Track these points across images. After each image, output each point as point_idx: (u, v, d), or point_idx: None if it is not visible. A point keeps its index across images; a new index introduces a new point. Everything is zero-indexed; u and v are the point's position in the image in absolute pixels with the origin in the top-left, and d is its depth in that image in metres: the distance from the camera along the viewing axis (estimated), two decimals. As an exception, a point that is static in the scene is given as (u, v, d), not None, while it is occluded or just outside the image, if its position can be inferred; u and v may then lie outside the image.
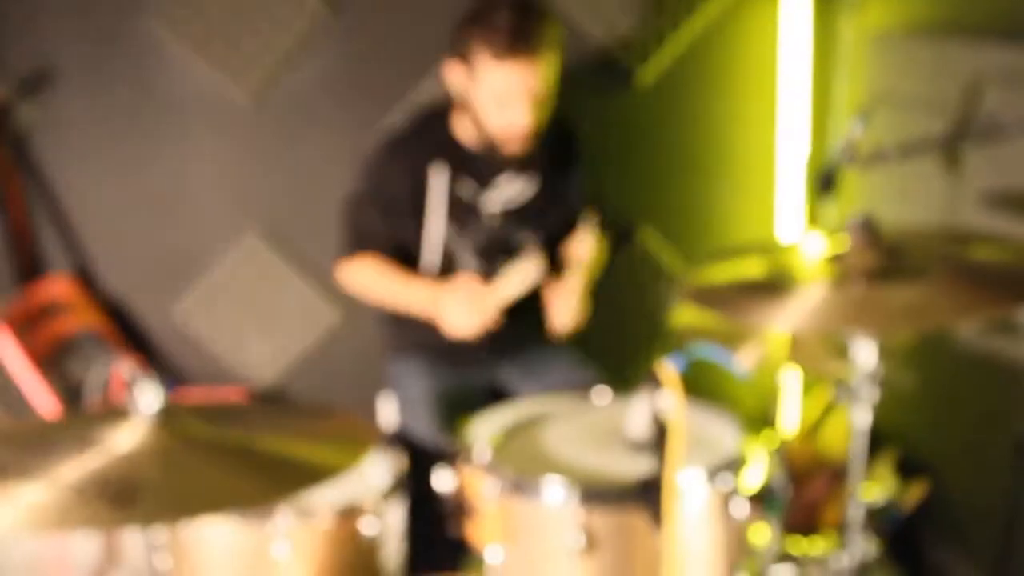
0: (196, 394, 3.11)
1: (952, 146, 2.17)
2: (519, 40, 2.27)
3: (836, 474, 3.12)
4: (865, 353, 1.86)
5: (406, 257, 2.63)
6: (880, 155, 2.27)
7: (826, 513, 2.96)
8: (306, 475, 1.58)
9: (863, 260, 1.81)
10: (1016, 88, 2.39)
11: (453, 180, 2.54)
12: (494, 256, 2.63)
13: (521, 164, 2.56)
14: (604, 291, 3.32)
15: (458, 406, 2.54)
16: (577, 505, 1.69)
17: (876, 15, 3.02)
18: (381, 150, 2.60)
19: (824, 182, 2.35)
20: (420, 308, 2.53)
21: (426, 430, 2.54)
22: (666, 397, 1.58)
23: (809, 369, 2.95)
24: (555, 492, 1.71)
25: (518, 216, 2.62)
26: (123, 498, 1.49)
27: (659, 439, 1.56)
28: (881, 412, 3.12)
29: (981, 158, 2.56)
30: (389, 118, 3.01)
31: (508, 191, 2.59)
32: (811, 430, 3.28)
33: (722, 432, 1.93)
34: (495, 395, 2.77)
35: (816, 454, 3.17)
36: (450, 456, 2.18)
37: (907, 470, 2.98)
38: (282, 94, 3.05)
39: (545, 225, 2.67)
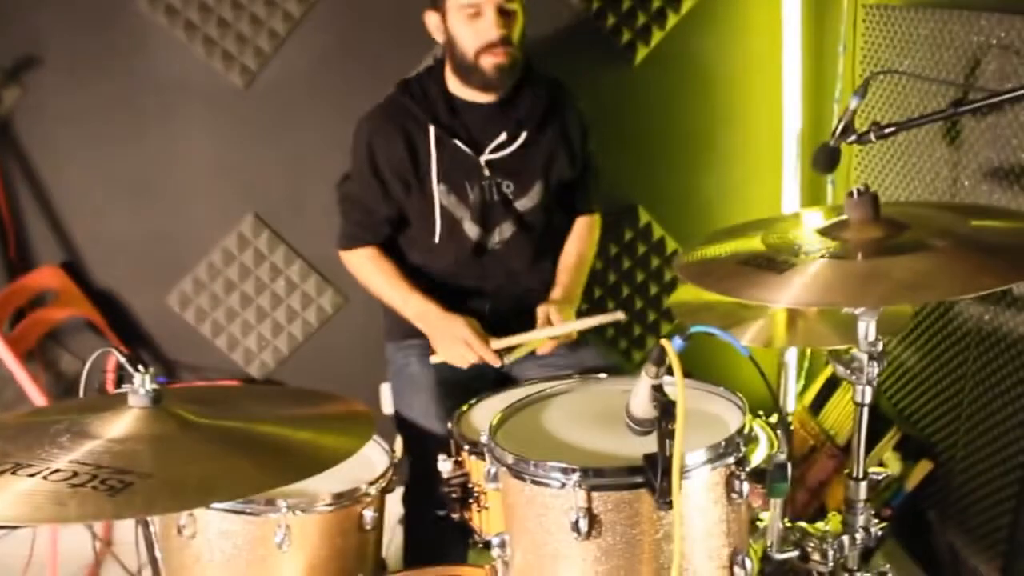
0: (191, 386, 3.08)
1: (952, 119, 2.14)
2: None
3: (842, 452, 3.10)
4: (867, 329, 1.83)
5: (406, 228, 2.63)
6: (879, 129, 2.22)
7: (833, 492, 2.94)
8: (305, 462, 1.56)
9: (863, 233, 1.78)
10: (1016, 60, 2.36)
11: (447, 137, 2.53)
12: (493, 216, 2.61)
13: (514, 120, 2.56)
14: (604, 270, 3.33)
15: (460, 391, 2.49)
16: (579, 486, 1.66)
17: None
18: (369, 119, 2.59)
19: (823, 159, 2.31)
20: (413, 319, 2.59)
21: (426, 414, 2.52)
22: (669, 376, 1.55)
23: (810, 346, 2.92)
24: (556, 473, 1.69)
25: (507, 170, 2.59)
26: (118, 488, 1.47)
27: (662, 418, 1.53)
28: (882, 392, 3.14)
29: (981, 131, 2.53)
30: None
31: (499, 145, 2.57)
32: (814, 408, 3.26)
33: (726, 411, 1.90)
34: (499, 380, 2.74)
35: (820, 433, 3.15)
36: (450, 441, 2.16)
37: (909, 450, 2.96)
38: (275, 78, 3.03)
39: (536, 182, 2.63)
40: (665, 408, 1.53)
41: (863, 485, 1.95)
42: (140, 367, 1.74)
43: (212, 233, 3.13)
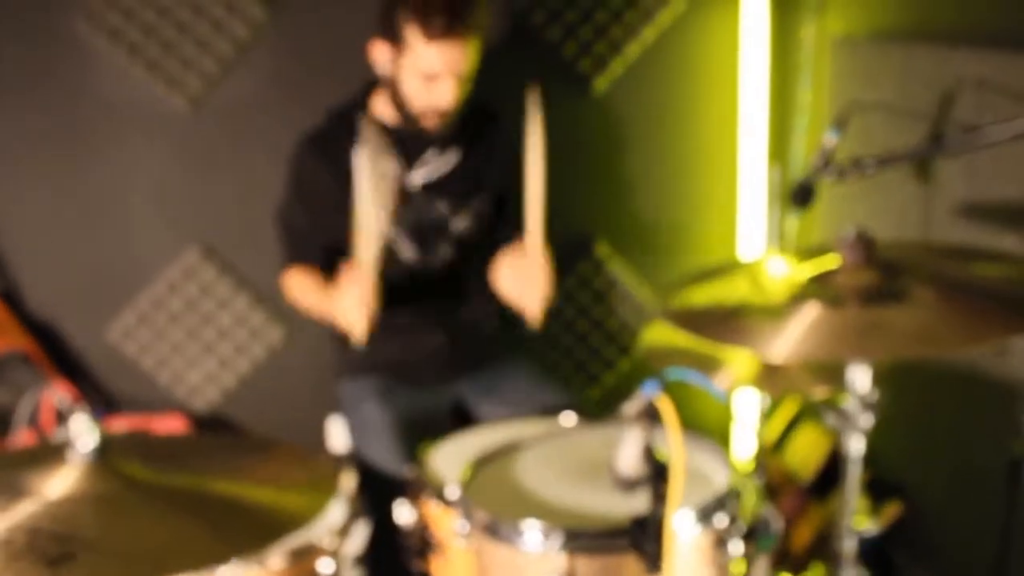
0: (132, 421, 2.92)
1: (925, 156, 2.10)
2: (452, 23, 2.31)
3: (804, 491, 3.04)
4: (860, 378, 1.75)
5: (342, 255, 2.53)
6: (850, 166, 2.16)
7: (799, 532, 2.86)
8: (267, 527, 1.43)
9: (857, 279, 1.70)
10: (990, 95, 2.32)
11: (374, 159, 2.45)
12: (429, 238, 2.57)
13: (443, 140, 2.53)
14: (560, 305, 3.23)
15: (418, 429, 2.44)
16: (560, 549, 1.56)
17: (839, 19, 2.95)
18: (299, 148, 2.56)
19: (800, 195, 2.24)
20: (333, 300, 2.42)
21: (384, 456, 2.42)
22: (663, 432, 1.46)
23: (790, 391, 2.85)
24: (536, 535, 1.58)
25: (440, 190, 2.55)
26: (58, 556, 1.33)
27: (654, 477, 1.43)
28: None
29: (956, 168, 2.49)
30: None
31: (430, 167, 2.54)
32: (777, 445, 3.19)
33: (708, 463, 1.81)
34: (457, 415, 2.67)
35: (782, 471, 3.08)
36: (411, 486, 2.06)
37: (877, 491, 2.91)
38: (222, 100, 2.89)
39: (470, 202, 2.60)
40: (658, 469, 1.43)
41: (852, 538, 1.88)
42: (81, 410, 1.61)
43: (155, 264, 2.97)
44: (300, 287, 2.59)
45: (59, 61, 2.78)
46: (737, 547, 1.64)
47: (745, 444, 3.30)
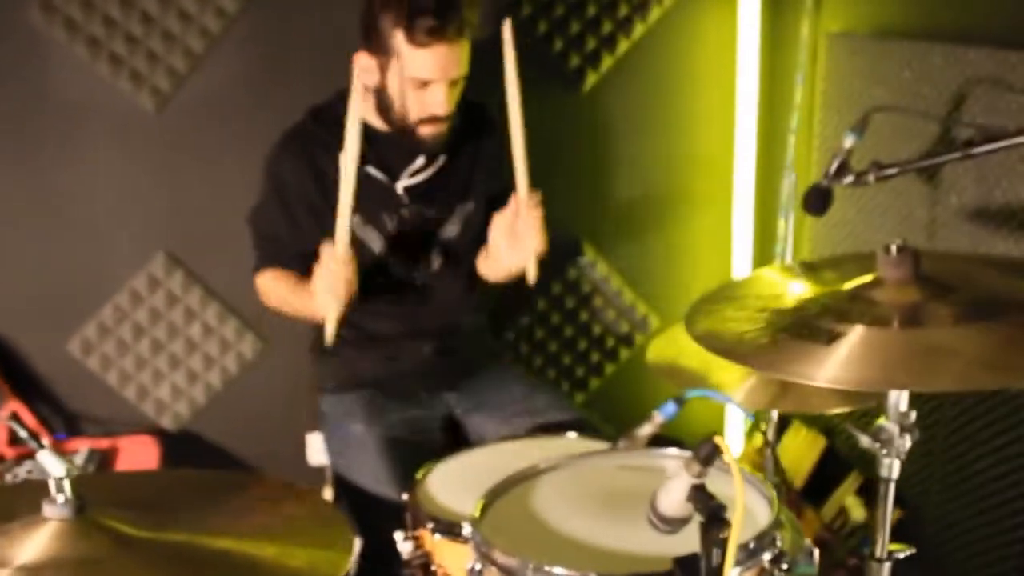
0: (96, 443, 2.74)
1: (956, 159, 2.01)
2: (441, 25, 2.20)
3: (797, 495, 2.96)
4: (898, 399, 1.65)
5: (314, 258, 2.41)
6: (869, 170, 2.07)
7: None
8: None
9: (902, 295, 1.60)
10: (1009, 96, 2.24)
11: (360, 166, 2.32)
12: (417, 248, 2.47)
13: (432, 145, 2.40)
14: (548, 309, 3.12)
15: (409, 447, 2.34)
16: (598, 596, 1.44)
17: (837, 16, 2.86)
18: (278, 147, 2.43)
19: (816, 201, 2.14)
20: (317, 294, 2.30)
21: (373, 478, 2.30)
22: (723, 473, 1.34)
23: (806, 410, 2.76)
24: (570, 582, 1.46)
25: (428, 197, 2.44)
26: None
27: (710, 520, 1.31)
28: (837, 432, 3.01)
29: (964, 170, 2.40)
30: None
31: (417, 172, 2.42)
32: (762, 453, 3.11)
33: (752, 500, 1.69)
34: (448, 430, 2.55)
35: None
36: (407, 512, 1.95)
37: (874, 495, 2.83)
38: (190, 100, 2.73)
39: (458, 208, 2.49)
40: (714, 514, 1.31)
41: (886, 567, 1.78)
42: (45, 444, 1.44)
43: (119, 273, 2.80)
44: (274, 284, 2.47)
45: (13, 56, 2.60)
46: (780, 586, 1.53)
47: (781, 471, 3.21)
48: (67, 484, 1.34)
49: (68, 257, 2.76)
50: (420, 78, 2.23)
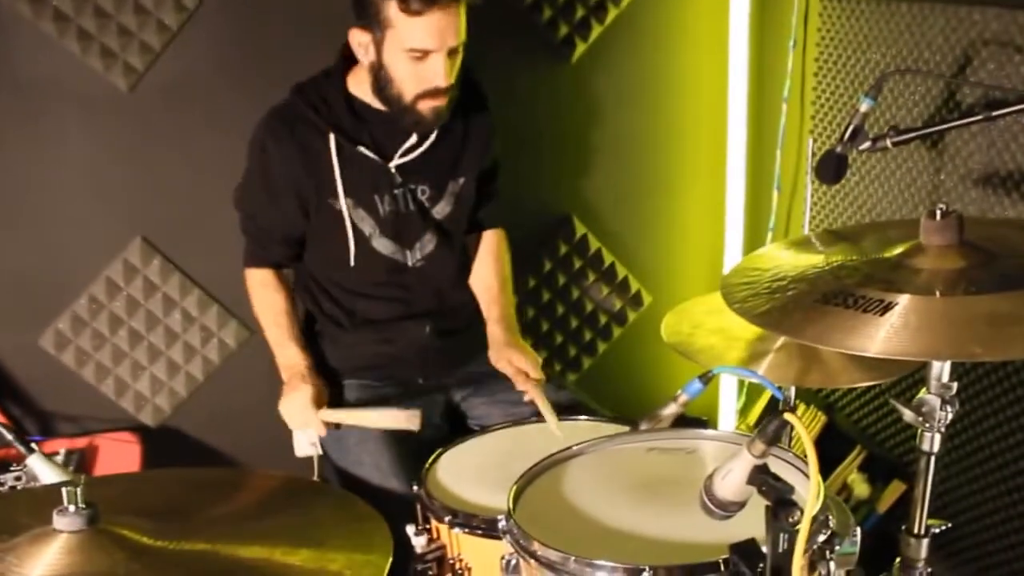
0: (74, 443, 2.62)
1: (944, 122, 1.96)
2: None
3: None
4: (941, 369, 1.59)
5: (312, 250, 2.42)
6: (887, 134, 2.01)
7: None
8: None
9: (946, 262, 1.54)
10: (1019, 57, 2.19)
11: (351, 145, 2.28)
12: (410, 229, 2.38)
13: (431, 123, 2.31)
14: (538, 286, 3.04)
15: (414, 440, 2.25)
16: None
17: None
18: (262, 126, 2.32)
19: (832, 169, 2.07)
20: (281, 368, 2.40)
21: (381, 473, 2.22)
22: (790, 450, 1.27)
23: (830, 385, 2.71)
24: (620, 574, 1.38)
25: (419, 174, 2.35)
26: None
27: (777, 510, 1.24)
28: (839, 409, 2.97)
29: (970, 135, 2.35)
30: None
31: (409, 145, 2.32)
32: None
33: (786, 474, 1.62)
34: (450, 417, 2.48)
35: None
36: (417, 504, 1.89)
37: (877, 471, 2.80)
38: (165, 79, 2.60)
39: (450, 185, 2.41)
40: (782, 498, 1.23)
41: (924, 543, 1.73)
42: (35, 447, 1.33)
43: (92, 261, 2.67)
44: (257, 298, 2.44)
45: (-26, 35, 2.46)
46: (831, 567, 1.47)
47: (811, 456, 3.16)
48: (79, 493, 1.24)
49: (38, 246, 2.63)
50: (417, 48, 2.13)
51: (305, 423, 2.29)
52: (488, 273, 2.52)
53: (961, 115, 1.99)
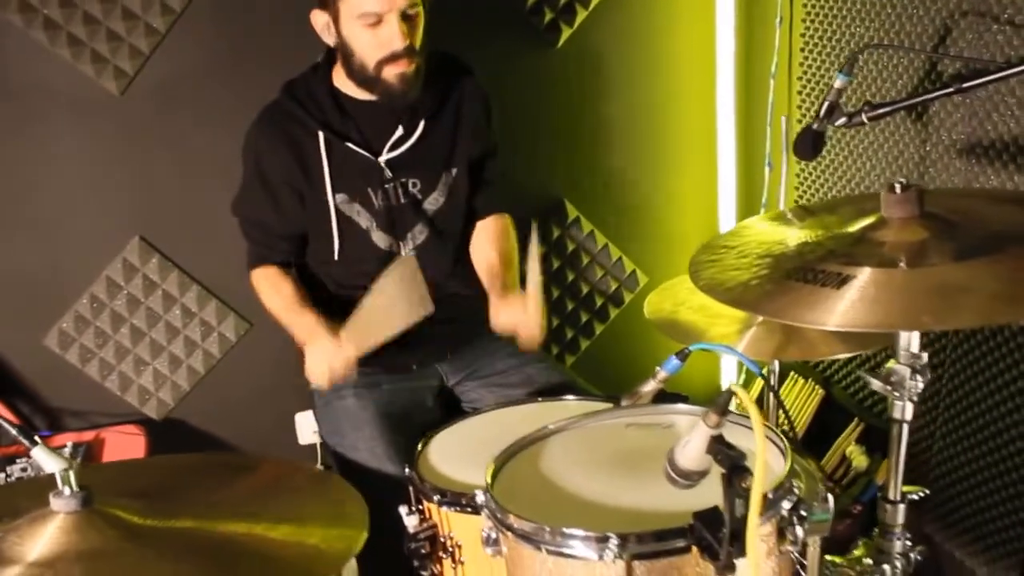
0: (81, 438, 2.68)
1: (922, 94, 1.97)
2: None
3: (796, 446, 2.94)
4: (909, 341, 1.62)
5: (306, 243, 2.42)
6: (862, 109, 2.02)
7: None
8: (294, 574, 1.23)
9: (908, 235, 1.56)
10: (996, 27, 2.20)
11: (340, 142, 2.29)
12: (403, 222, 2.39)
13: (411, 113, 2.32)
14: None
15: (405, 421, 2.32)
16: (619, 557, 1.39)
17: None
18: (254, 127, 2.35)
19: (809, 145, 2.09)
20: (303, 340, 2.33)
21: (374, 456, 2.26)
22: (736, 427, 1.31)
23: (808, 357, 2.73)
24: (588, 544, 1.42)
25: (410, 167, 2.36)
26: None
27: (732, 471, 1.27)
28: (836, 382, 2.99)
29: (953, 106, 2.37)
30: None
31: (396, 138, 2.34)
32: (761, 402, 3.09)
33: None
34: (443, 402, 2.52)
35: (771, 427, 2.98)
36: (410, 485, 1.90)
37: (876, 442, 2.82)
38: (155, 80, 2.65)
39: (442, 177, 2.41)
40: (735, 464, 1.27)
41: (901, 509, 1.76)
42: (38, 439, 1.39)
43: (93, 261, 2.73)
44: (268, 291, 2.41)
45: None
46: (798, 533, 1.50)
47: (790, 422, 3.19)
48: (72, 476, 1.30)
49: (39, 249, 2.68)
50: (368, 12, 2.14)
51: (333, 363, 2.23)
52: (488, 250, 2.49)
53: (936, 87, 1.99)
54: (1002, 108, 2.25)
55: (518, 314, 2.27)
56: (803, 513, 1.50)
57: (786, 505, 1.49)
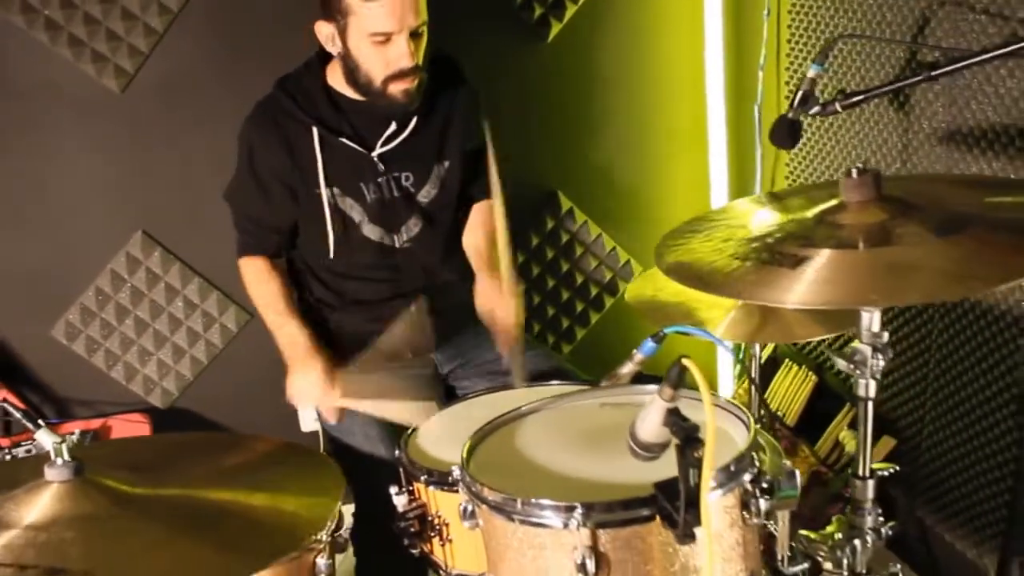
0: (88, 425, 2.75)
1: (921, 82, 2.01)
2: None
3: (793, 433, 2.99)
4: (870, 320, 1.66)
5: (303, 237, 2.46)
6: (836, 99, 2.07)
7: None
8: (275, 537, 1.30)
9: (866, 217, 1.61)
10: (972, 17, 2.24)
11: (333, 137, 2.33)
12: (396, 215, 2.43)
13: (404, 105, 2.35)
14: (527, 262, 3.12)
15: None
16: (583, 525, 1.45)
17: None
18: (248, 121, 2.38)
19: (785, 134, 2.14)
20: (282, 347, 2.39)
21: (368, 439, 2.33)
22: (694, 396, 1.36)
23: (787, 340, 2.77)
24: (555, 512, 1.48)
25: (403, 161, 2.40)
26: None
27: (685, 442, 1.33)
28: (828, 368, 3.03)
29: (934, 94, 2.41)
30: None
31: (389, 133, 2.37)
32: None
33: (724, 422, 1.71)
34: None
35: (767, 414, 3.02)
36: (400, 467, 1.95)
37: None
38: (155, 78, 2.72)
39: (434, 170, 2.45)
40: (688, 435, 1.33)
41: (870, 484, 1.80)
42: (41, 423, 1.47)
43: (97, 255, 2.81)
44: (254, 283, 2.46)
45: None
46: (761, 505, 1.55)
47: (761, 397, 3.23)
48: (65, 448, 1.38)
49: (44, 244, 2.76)
50: (379, 32, 2.17)
51: (318, 401, 2.30)
52: (478, 236, 2.53)
53: (913, 75, 2.04)
54: (980, 96, 2.29)
55: (495, 297, 2.31)
56: (765, 486, 1.56)
57: (747, 477, 1.54)
